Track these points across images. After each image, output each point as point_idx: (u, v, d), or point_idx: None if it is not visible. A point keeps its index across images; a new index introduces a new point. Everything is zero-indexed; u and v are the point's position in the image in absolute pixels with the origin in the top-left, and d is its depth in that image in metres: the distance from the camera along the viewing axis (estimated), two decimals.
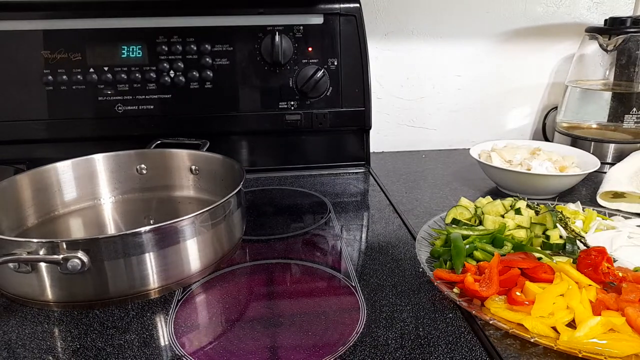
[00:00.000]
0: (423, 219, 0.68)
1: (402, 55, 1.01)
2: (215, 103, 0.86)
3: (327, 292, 0.52)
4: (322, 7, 0.85)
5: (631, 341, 0.41)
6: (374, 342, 0.44)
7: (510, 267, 0.50)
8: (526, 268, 0.50)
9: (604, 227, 0.61)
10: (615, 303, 0.45)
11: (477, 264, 0.53)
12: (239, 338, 0.45)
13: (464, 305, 0.47)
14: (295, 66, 0.86)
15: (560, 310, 0.45)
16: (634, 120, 0.91)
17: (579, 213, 0.65)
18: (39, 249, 0.47)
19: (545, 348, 0.42)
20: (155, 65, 0.83)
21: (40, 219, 0.66)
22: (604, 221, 0.63)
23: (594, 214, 0.64)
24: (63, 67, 0.81)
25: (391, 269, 0.57)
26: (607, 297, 0.46)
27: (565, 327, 0.44)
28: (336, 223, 0.70)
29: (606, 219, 0.65)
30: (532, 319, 0.44)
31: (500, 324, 0.45)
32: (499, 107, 1.09)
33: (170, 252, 0.52)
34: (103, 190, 0.72)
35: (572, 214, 0.64)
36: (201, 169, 0.73)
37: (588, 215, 0.64)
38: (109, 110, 0.83)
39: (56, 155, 0.69)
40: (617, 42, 0.89)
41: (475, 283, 0.48)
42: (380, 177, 0.89)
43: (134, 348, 0.44)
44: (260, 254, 0.61)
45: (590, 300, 0.46)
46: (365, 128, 0.91)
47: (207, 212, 0.54)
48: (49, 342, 0.45)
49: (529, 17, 1.02)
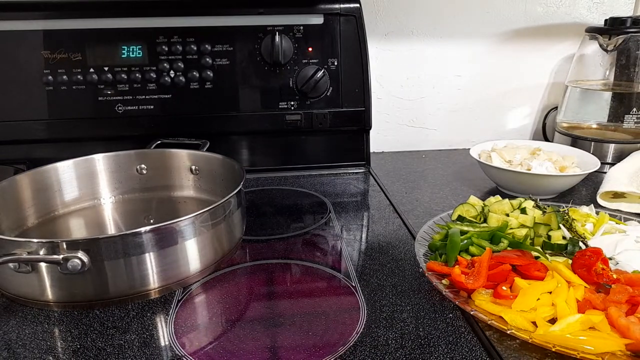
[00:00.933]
0: (423, 219, 0.68)
1: (402, 55, 1.01)
2: (216, 103, 0.86)
3: (327, 292, 0.52)
4: (322, 7, 0.85)
5: (608, 339, 0.42)
6: (374, 342, 0.44)
7: (503, 262, 0.51)
8: (519, 265, 0.51)
9: (615, 230, 0.61)
10: (602, 303, 0.46)
11: (471, 258, 0.54)
12: (239, 338, 0.45)
13: (449, 297, 0.48)
14: (295, 66, 0.86)
15: (544, 306, 0.46)
16: (634, 121, 0.91)
17: (591, 216, 0.64)
18: (39, 249, 0.47)
19: (545, 350, 0.42)
20: (156, 65, 0.83)
21: (40, 219, 0.66)
22: (617, 225, 0.62)
23: (605, 217, 0.63)
24: (63, 67, 0.81)
25: (391, 269, 0.57)
26: (595, 297, 0.47)
27: (545, 322, 0.44)
28: (336, 223, 0.70)
29: (620, 223, 0.64)
30: (512, 312, 0.45)
31: (481, 316, 0.45)
32: (499, 107, 1.09)
33: (170, 252, 0.52)
34: (103, 190, 0.72)
35: (583, 216, 0.64)
36: (201, 169, 0.73)
37: (600, 218, 0.63)
38: (109, 110, 0.83)
39: (56, 155, 0.69)
40: (617, 42, 0.89)
41: (462, 275, 0.49)
42: (381, 177, 0.89)
43: (134, 348, 0.44)
44: (261, 254, 0.61)
45: (578, 299, 0.46)
46: (366, 128, 0.91)
47: (207, 212, 0.54)
48: (49, 342, 0.45)
49: (529, 17, 1.02)
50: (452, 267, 0.52)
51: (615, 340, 0.42)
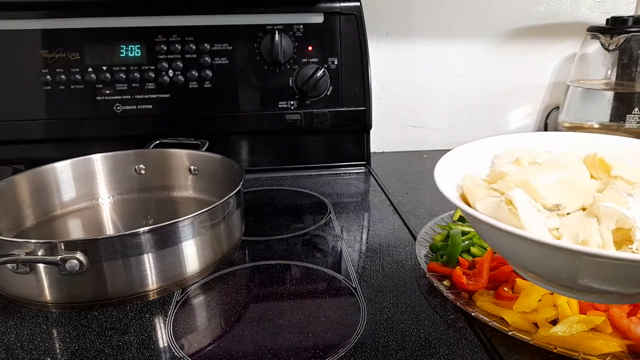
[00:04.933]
0: (424, 219, 0.68)
1: (403, 54, 1.01)
2: (215, 103, 0.85)
3: (327, 293, 0.52)
4: (322, 6, 0.85)
5: (609, 340, 0.41)
6: (374, 343, 0.44)
7: (504, 263, 0.51)
8: None
9: None
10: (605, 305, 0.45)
11: (472, 259, 0.54)
12: (238, 340, 0.45)
13: (450, 298, 0.48)
14: (295, 65, 0.85)
15: (546, 307, 0.45)
16: (635, 120, 0.90)
17: None
18: (37, 249, 0.46)
19: (547, 351, 0.42)
20: (154, 64, 0.83)
21: (38, 219, 0.66)
22: None
23: None
24: (61, 67, 0.81)
25: (392, 270, 0.56)
26: None
27: (547, 323, 0.44)
28: (336, 224, 0.69)
29: None
30: (513, 313, 0.45)
31: (483, 317, 0.45)
32: (500, 106, 1.08)
33: (169, 252, 0.51)
34: (101, 191, 0.72)
35: None
36: (200, 169, 0.73)
37: None
38: (107, 110, 0.83)
39: (54, 155, 0.69)
40: (619, 41, 0.89)
41: (463, 276, 0.49)
42: (381, 177, 0.89)
43: (133, 349, 0.44)
44: (260, 255, 0.61)
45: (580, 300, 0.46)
46: (366, 128, 0.91)
47: (206, 213, 0.53)
48: (47, 343, 0.45)
49: (531, 16, 1.02)
50: (453, 268, 0.52)
51: (617, 342, 0.41)
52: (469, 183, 0.40)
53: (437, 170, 0.40)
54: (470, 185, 0.39)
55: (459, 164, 0.43)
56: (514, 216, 0.34)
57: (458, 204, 0.35)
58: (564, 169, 0.40)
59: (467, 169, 0.43)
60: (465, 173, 0.42)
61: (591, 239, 0.32)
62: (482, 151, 0.46)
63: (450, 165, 0.43)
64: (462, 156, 0.44)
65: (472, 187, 0.39)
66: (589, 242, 0.32)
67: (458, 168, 0.43)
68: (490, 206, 0.36)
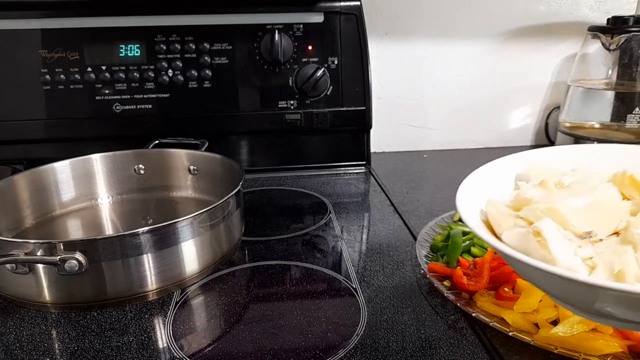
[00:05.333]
0: (424, 219, 0.68)
1: (403, 54, 1.01)
2: (214, 102, 0.85)
3: (327, 293, 0.52)
4: (322, 6, 0.84)
5: (610, 341, 0.41)
6: (374, 344, 0.44)
7: (505, 264, 0.50)
8: None
9: None
10: None
11: (473, 259, 0.54)
12: (238, 340, 0.44)
13: (451, 298, 0.48)
14: (295, 65, 0.85)
15: (546, 307, 0.45)
16: (636, 120, 0.90)
17: None
18: (37, 249, 0.46)
19: (548, 352, 0.42)
20: (154, 64, 0.82)
21: (37, 219, 0.66)
22: None
23: None
24: (61, 67, 0.80)
25: (392, 271, 0.56)
26: None
27: (547, 324, 0.44)
28: (336, 224, 0.69)
29: None
30: (514, 313, 0.44)
31: (483, 317, 0.45)
32: (500, 106, 1.08)
33: (169, 253, 0.51)
34: (101, 191, 0.72)
35: None
36: (200, 169, 0.73)
37: None
38: (106, 110, 0.83)
39: (54, 155, 0.69)
40: (620, 41, 0.89)
41: (464, 277, 0.49)
42: (381, 177, 0.89)
43: (132, 350, 0.44)
44: (260, 255, 0.60)
45: None
46: (366, 128, 0.91)
47: (206, 213, 0.53)
48: (46, 343, 0.45)
49: (531, 16, 1.02)
50: (453, 269, 0.52)
51: (618, 342, 0.41)
52: (494, 211, 0.38)
53: (459, 199, 0.38)
54: (496, 214, 0.38)
55: (480, 187, 0.41)
56: (544, 247, 0.32)
57: (486, 238, 0.33)
58: (593, 191, 0.38)
59: (489, 192, 0.41)
60: (488, 197, 0.40)
61: (628, 269, 0.31)
62: (503, 171, 0.43)
63: (472, 190, 0.40)
64: (483, 178, 0.42)
65: (498, 215, 0.37)
66: (626, 272, 0.30)
67: (480, 191, 0.41)
68: (517, 237, 0.34)
